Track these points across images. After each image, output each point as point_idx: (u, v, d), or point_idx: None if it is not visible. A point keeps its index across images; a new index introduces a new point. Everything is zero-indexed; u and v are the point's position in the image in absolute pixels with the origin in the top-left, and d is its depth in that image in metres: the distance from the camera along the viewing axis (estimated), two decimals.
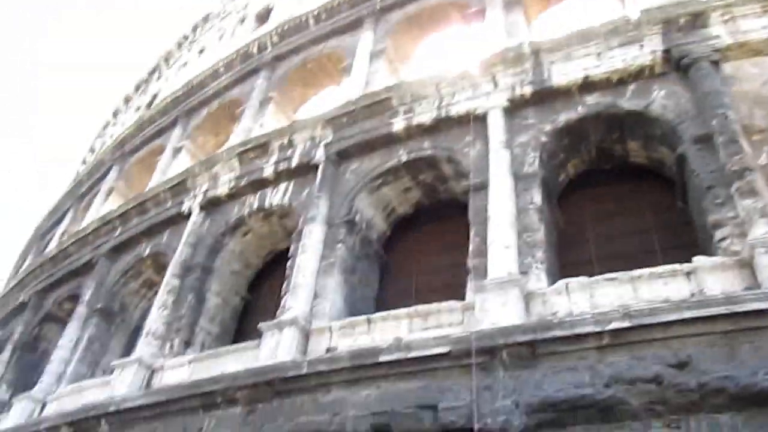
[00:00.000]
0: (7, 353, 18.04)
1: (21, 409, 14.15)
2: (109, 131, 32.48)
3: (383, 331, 9.93)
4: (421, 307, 9.93)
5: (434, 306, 9.85)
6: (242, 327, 14.12)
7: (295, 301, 11.03)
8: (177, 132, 20.80)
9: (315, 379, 9.43)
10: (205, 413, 10.33)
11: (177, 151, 19.95)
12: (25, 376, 17.48)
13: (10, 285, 22.33)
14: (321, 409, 9.19)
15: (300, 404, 9.42)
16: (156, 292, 16.12)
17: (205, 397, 10.41)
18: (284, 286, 11.89)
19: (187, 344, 12.92)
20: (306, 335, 10.59)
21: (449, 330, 9.29)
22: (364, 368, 9.14)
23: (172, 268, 14.04)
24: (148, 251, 16.03)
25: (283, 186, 14.00)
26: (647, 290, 8.52)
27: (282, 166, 14.15)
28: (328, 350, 10.10)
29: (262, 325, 10.91)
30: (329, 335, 10.45)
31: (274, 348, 10.37)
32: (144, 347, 12.67)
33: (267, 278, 14.89)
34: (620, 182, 11.78)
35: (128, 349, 15.71)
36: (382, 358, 9.02)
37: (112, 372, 13.99)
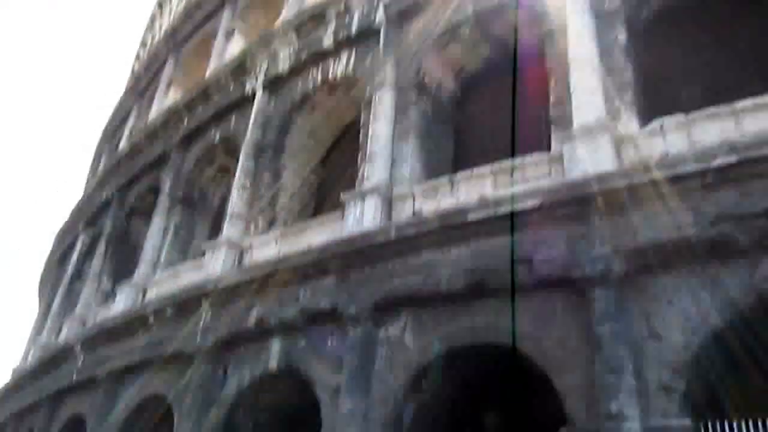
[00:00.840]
0: (102, 248, 19.00)
1: (125, 296, 15.06)
2: (157, 24, 32.01)
3: (467, 190, 9.77)
4: (505, 163, 9.65)
5: (518, 160, 9.54)
6: (320, 202, 14.27)
7: (373, 170, 10.93)
8: (227, 14, 20.21)
9: (404, 243, 9.47)
10: (299, 284, 10.65)
11: (229, 33, 19.50)
12: (122, 267, 18.48)
13: (91, 185, 23.15)
14: (413, 271, 9.30)
15: (391, 269, 9.55)
16: (232, 176, 16.49)
17: (297, 270, 10.69)
18: (360, 156, 11.77)
19: (270, 222, 13.22)
20: (388, 202, 10.57)
21: (537, 183, 9.02)
22: (453, 228, 9.08)
23: (245, 150, 14.11)
24: (218, 137, 16.11)
25: (344, 55, 13.53)
26: (752, 123, 7.93)
27: (341, 34, 13.60)
28: (413, 214, 10.06)
29: (344, 196, 10.93)
30: (412, 200, 10.38)
31: (359, 217, 10.42)
32: (230, 229, 13.02)
33: (339, 152, 14.82)
34: (707, 12, 10.79)
35: (213, 232, 16.24)
36: (471, 217, 8.91)
37: (203, 255, 14.64)
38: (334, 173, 14.69)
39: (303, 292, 10.54)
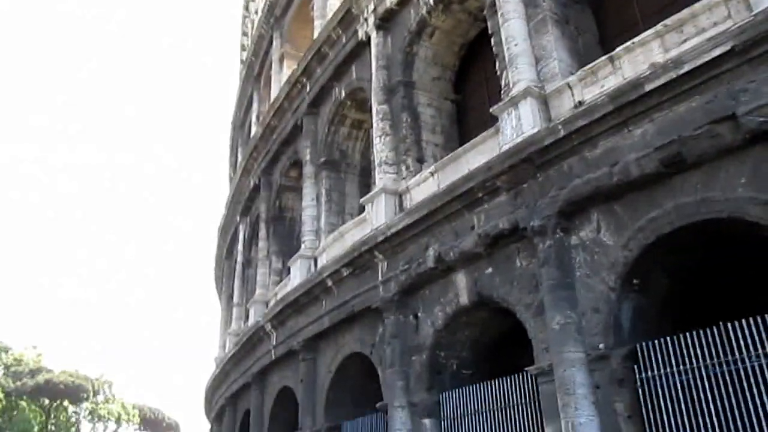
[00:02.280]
0: (263, 231, 19.65)
1: (299, 269, 15.39)
2: (252, 8, 32.38)
3: (633, 63, 8.65)
4: (671, 20, 8.39)
5: (686, 12, 8.26)
6: (464, 128, 13.58)
7: (517, 73, 10.05)
8: None
9: (575, 138, 8.60)
10: (471, 212, 10.14)
11: None
12: (287, 244, 19.04)
13: (237, 176, 24.00)
14: (593, 165, 8.43)
15: (568, 168, 8.74)
16: (365, 130, 16.25)
17: (464, 198, 10.17)
18: (497, 65, 10.91)
19: (420, 161, 12.76)
20: (544, 101, 9.68)
21: (716, 29, 7.75)
22: (629, 106, 8.06)
23: (375, 97, 13.68)
24: (344, 93, 15.84)
25: None
26: None
27: None
28: (576, 106, 9.11)
29: (494, 109, 10.18)
30: (570, 92, 9.41)
31: (516, 126, 9.65)
32: (382, 177, 12.73)
33: (469, 73, 14.01)
34: None
35: (364, 187, 16.14)
36: (649, 88, 7.85)
37: (360, 212, 14.55)
38: (471, 97, 13.93)
39: (477, 218, 10.02)
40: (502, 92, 10.58)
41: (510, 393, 9.49)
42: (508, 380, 9.53)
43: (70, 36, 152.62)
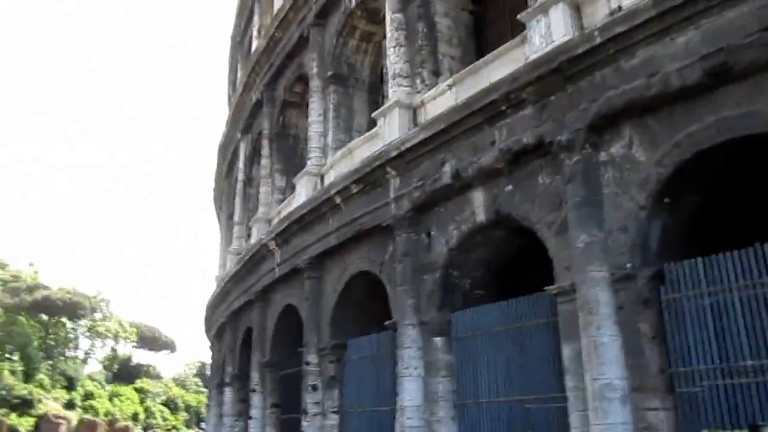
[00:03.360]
0: (266, 149, 19.12)
1: (304, 186, 15.00)
2: None
3: None
4: None
5: None
6: (481, 42, 12.89)
7: None
8: None
9: (612, 46, 8.01)
10: (491, 126, 9.65)
11: None
12: (290, 162, 18.58)
13: (237, 92, 23.23)
14: (630, 75, 7.89)
15: (601, 79, 8.20)
16: (376, 43, 15.50)
17: (485, 111, 9.65)
18: None
19: (436, 74, 12.13)
20: (576, 8, 9.04)
21: None
22: (674, 12, 7.44)
23: (389, 4, 12.91)
24: (354, 2, 14.97)
25: None
26: None
27: None
28: (612, 12, 8.49)
29: (522, 15, 9.53)
30: None
31: (546, 33, 9.04)
32: (396, 90, 12.14)
33: None
34: None
35: (372, 103, 15.55)
36: None
37: (369, 128, 14.04)
38: (489, 6, 13.18)
39: (498, 133, 9.54)
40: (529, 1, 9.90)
41: (526, 312, 9.29)
42: (525, 300, 9.30)
43: (69, 34, 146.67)
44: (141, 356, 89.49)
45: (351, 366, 12.95)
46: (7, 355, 62.83)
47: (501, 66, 10.09)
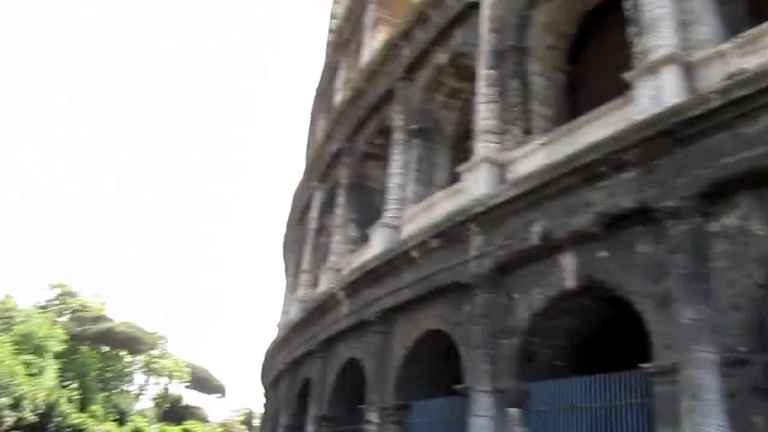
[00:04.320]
0: (341, 198, 19.08)
1: (380, 237, 14.72)
2: None
3: None
4: None
5: None
6: (575, 103, 12.55)
7: (658, 38, 8.98)
8: None
9: (731, 110, 7.50)
10: (588, 188, 9.15)
11: None
12: (365, 213, 18.41)
13: (317, 142, 23.54)
14: (750, 142, 7.32)
15: (718, 145, 7.65)
16: (463, 99, 15.39)
17: (582, 172, 9.18)
18: (630, 31, 9.85)
19: (527, 132, 11.82)
20: (688, 70, 8.61)
21: None
22: None
23: (483, 61, 12.79)
24: (445, 58, 14.97)
25: None
26: None
27: None
28: (730, 76, 8.00)
29: (629, 75, 9.14)
30: (722, 60, 8.30)
31: (654, 95, 8.59)
32: (484, 145, 11.86)
33: (587, 45, 12.93)
34: None
35: (453, 162, 15.32)
36: None
37: (450, 184, 13.77)
38: (586, 71, 12.88)
39: (595, 195, 9.04)
40: (635, 60, 9.53)
41: (616, 390, 8.54)
42: (616, 376, 8.57)
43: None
44: (191, 397, 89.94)
45: (415, 430, 12.29)
46: (66, 383, 64.11)
47: (601, 126, 9.66)
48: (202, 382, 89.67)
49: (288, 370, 20.76)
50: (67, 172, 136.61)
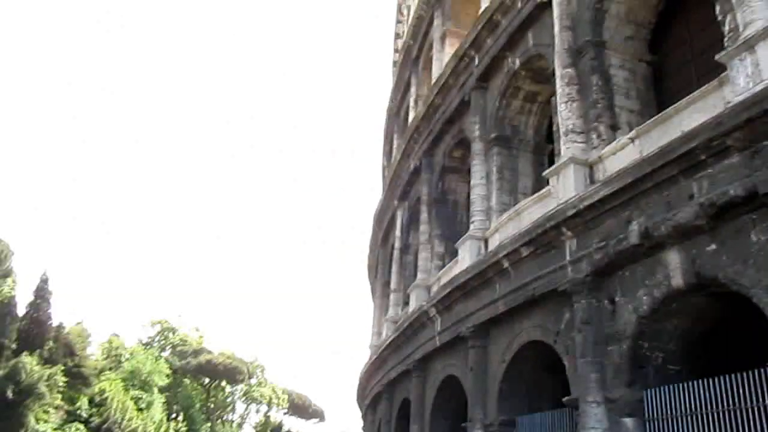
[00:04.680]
0: (424, 214, 18.95)
1: (467, 251, 14.48)
2: None
3: None
4: None
5: None
6: (662, 93, 11.96)
7: (750, 12, 8.35)
8: None
9: None
10: (688, 178, 8.62)
11: None
12: (448, 227, 18.21)
13: (395, 160, 23.57)
14: None
15: None
16: (540, 103, 15.01)
17: (680, 162, 8.64)
18: (717, 8, 9.29)
19: (613, 128, 11.33)
20: None
21: None
22: None
23: (559, 60, 12.38)
24: (518, 62, 14.66)
25: None
26: None
27: None
28: None
29: (721, 56, 8.56)
30: None
31: (753, 72, 8.02)
32: (569, 147, 11.44)
33: (667, 32, 12.32)
34: None
35: (537, 167, 14.95)
36: None
37: (535, 190, 13.40)
38: (669, 56, 12.27)
39: (697, 186, 8.49)
40: (726, 39, 8.96)
41: (741, 392, 7.90)
42: (740, 378, 7.93)
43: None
44: (291, 423, 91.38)
45: None
46: (173, 416, 66.57)
47: (694, 113, 9.12)
48: (301, 408, 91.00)
49: (385, 391, 20.68)
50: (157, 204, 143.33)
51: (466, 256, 14.38)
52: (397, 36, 35.16)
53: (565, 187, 11.07)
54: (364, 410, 27.30)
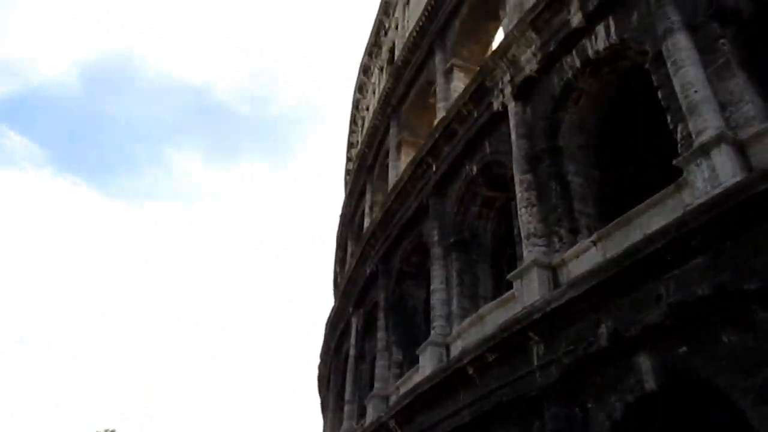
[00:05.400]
0: (381, 321, 18.53)
1: (429, 358, 14.02)
2: (362, 106, 33.06)
3: None
4: None
5: None
6: (619, 198, 12.28)
7: (702, 122, 8.80)
8: (439, 57, 19.64)
9: None
10: (655, 280, 8.63)
11: (449, 72, 18.79)
12: (406, 334, 17.79)
13: (350, 267, 23.32)
14: None
15: None
16: (497, 208, 15.24)
17: (644, 264, 8.70)
18: (669, 118, 9.78)
19: (573, 232, 11.47)
20: (740, 148, 8.37)
21: None
22: None
23: (517, 166, 12.69)
24: (475, 169, 14.98)
25: (601, 27, 11.74)
26: None
27: (591, 5, 11.90)
28: None
29: (678, 161, 8.91)
30: None
31: (710, 177, 8.32)
32: (531, 250, 11.47)
33: (618, 140, 12.90)
34: None
35: (496, 271, 14.95)
36: None
37: (495, 295, 13.30)
38: (620, 163, 12.76)
39: (664, 287, 8.49)
40: (679, 146, 9.36)
41: None
42: None
43: None
44: None
45: None
46: None
47: (654, 216, 9.34)
48: None
49: None
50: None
51: (428, 364, 13.90)
52: (351, 145, 36.03)
53: (530, 291, 10.97)
54: None
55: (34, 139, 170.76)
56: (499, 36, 17.97)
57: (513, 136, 13.14)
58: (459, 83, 17.99)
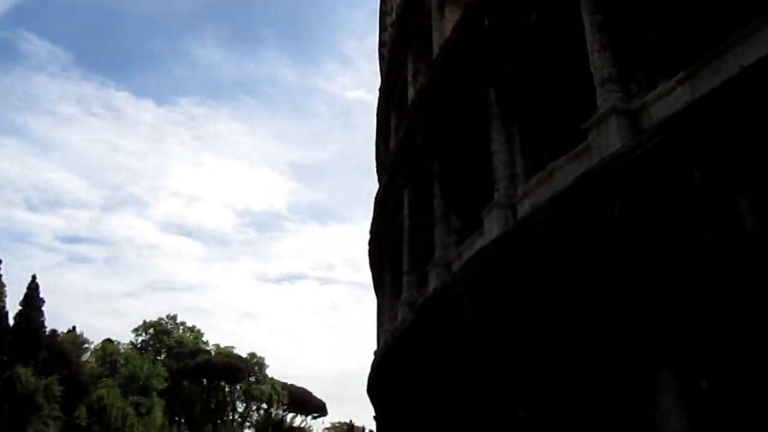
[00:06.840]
0: (437, 189, 18.14)
1: (494, 220, 13.70)
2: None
3: None
4: None
5: None
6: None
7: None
8: None
9: None
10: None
11: None
12: (464, 200, 17.42)
13: (398, 138, 22.70)
14: None
15: None
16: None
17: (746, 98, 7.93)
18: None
19: (653, 73, 10.56)
20: None
21: None
22: None
23: (585, 6, 11.62)
24: (535, 17, 13.86)
25: None
26: None
27: None
28: None
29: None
30: None
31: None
32: (606, 98, 10.67)
33: None
34: None
35: (560, 130, 14.18)
36: None
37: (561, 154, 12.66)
38: None
39: None
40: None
41: None
42: None
43: None
44: (292, 419, 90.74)
45: None
46: (174, 419, 65.60)
47: (752, 47, 8.41)
48: (302, 403, 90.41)
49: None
50: None
51: (493, 227, 13.60)
52: (384, 14, 34.34)
53: (603, 144, 10.25)
54: (375, 400, 26.56)
55: (56, 41, 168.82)
56: None
57: None
58: None
